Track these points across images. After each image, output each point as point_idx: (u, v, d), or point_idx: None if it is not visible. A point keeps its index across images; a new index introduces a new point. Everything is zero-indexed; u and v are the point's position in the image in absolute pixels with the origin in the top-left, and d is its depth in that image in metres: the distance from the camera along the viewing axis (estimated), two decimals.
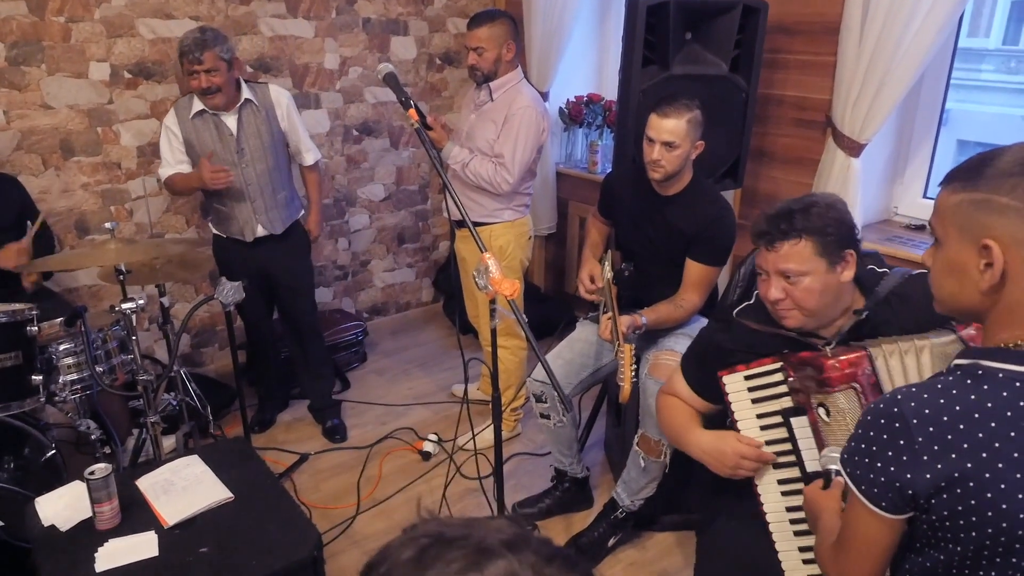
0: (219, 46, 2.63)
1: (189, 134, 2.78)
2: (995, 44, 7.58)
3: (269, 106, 2.84)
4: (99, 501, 1.71)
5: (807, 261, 1.52)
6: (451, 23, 3.95)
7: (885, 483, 1.04)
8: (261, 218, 2.89)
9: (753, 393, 1.63)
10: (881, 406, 1.06)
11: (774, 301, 1.57)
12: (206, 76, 2.63)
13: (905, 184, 3.02)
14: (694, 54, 2.66)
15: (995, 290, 1.03)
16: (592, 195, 3.79)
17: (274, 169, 2.88)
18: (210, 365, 3.66)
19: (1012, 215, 0.99)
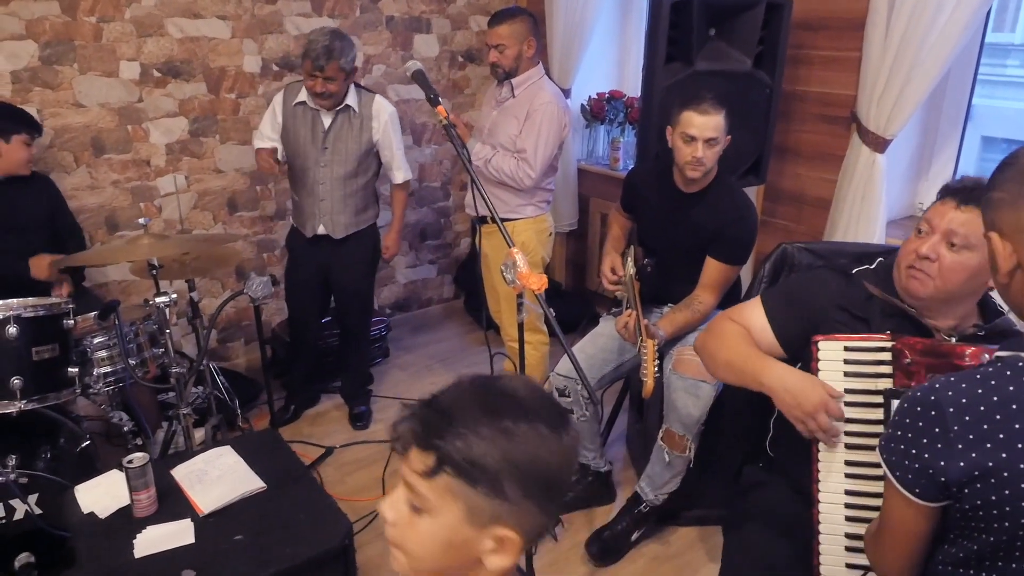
0: (344, 57, 2.71)
1: (288, 118, 2.88)
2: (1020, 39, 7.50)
3: (368, 116, 2.90)
4: (137, 489, 1.75)
5: (981, 238, 1.42)
6: (473, 21, 3.97)
7: (919, 469, 1.06)
8: (324, 218, 2.96)
9: (848, 366, 1.53)
10: (919, 394, 1.07)
11: (923, 256, 1.47)
12: (323, 83, 2.71)
13: (930, 181, 3.00)
14: (718, 50, 2.67)
15: (1012, 279, 1.06)
16: (613, 191, 3.79)
17: (351, 176, 2.93)
18: (236, 359, 3.71)
19: (1005, 207, 1.04)
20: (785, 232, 3.05)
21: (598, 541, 2.51)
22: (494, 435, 0.81)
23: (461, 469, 0.81)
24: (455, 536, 0.84)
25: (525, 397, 0.85)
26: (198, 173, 3.33)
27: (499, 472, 0.80)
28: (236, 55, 3.29)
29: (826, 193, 2.89)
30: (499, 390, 0.85)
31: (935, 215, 1.49)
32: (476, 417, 0.81)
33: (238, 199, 3.47)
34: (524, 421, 0.82)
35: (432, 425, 0.82)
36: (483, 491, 0.81)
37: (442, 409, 0.83)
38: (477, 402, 0.83)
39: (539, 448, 0.82)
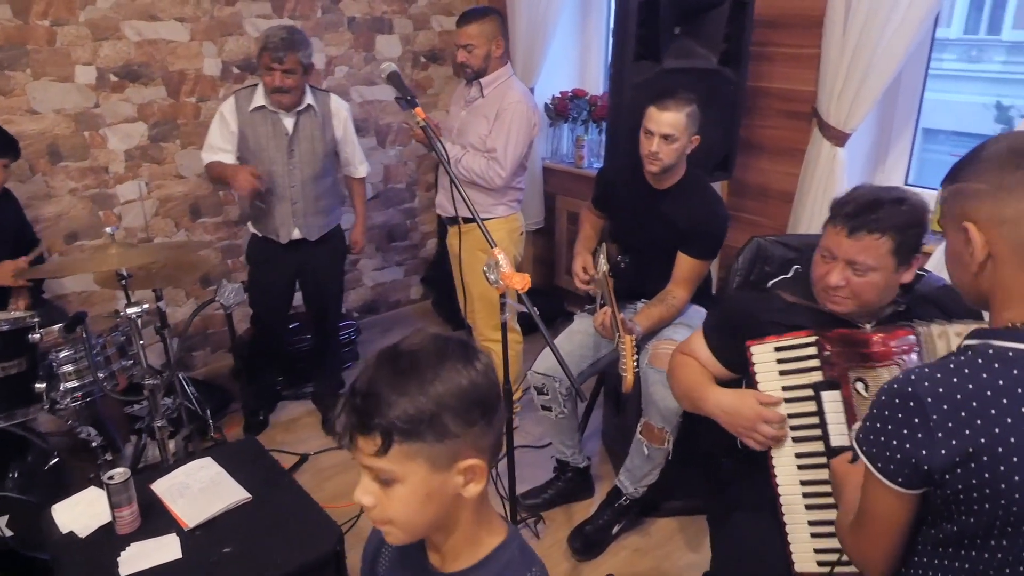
0: (303, 50, 2.67)
1: (245, 126, 2.80)
2: (956, 34, 7.82)
3: (327, 114, 2.87)
4: (119, 505, 1.71)
5: (881, 258, 1.52)
6: (435, 21, 3.96)
7: (901, 460, 1.08)
8: (299, 221, 2.92)
9: (782, 365, 1.63)
10: (895, 386, 1.10)
11: (833, 287, 1.57)
12: (281, 76, 2.66)
13: (887, 172, 3.10)
14: (684, 48, 2.71)
15: (983, 270, 1.09)
16: (579, 189, 3.84)
17: (320, 176, 2.91)
18: (202, 368, 3.64)
19: (985, 197, 1.06)
20: (751, 225, 3.11)
21: (580, 536, 2.54)
22: (418, 389, 0.87)
23: (406, 433, 0.87)
24: (429, 488, 0.91)
25: (427, 346, 0.92)
26: (159, 179, 3.26)
27: (437, 417, 0.87)
28: (195, 58, 3.22)
29: (790, 186, 2.96)
30: (402, 352, 0.92)
31: (832, 243, 1.56)
32: (395, 382, 0.88)
33: (201, 205, 3.41)
34: (436, 365, 0.89)
35: (363, 410, 0.88)
36: (433, 440, 0.88)
37: (364, 391, 0.89)
38: (389, 370, 0.89)
39: (460, 380, 0.89)
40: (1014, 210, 1.04)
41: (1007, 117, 5.44)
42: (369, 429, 0.88)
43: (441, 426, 0.88)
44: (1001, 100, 5.45)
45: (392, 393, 0.87)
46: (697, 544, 2.56)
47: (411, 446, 0.88)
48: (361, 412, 0.88)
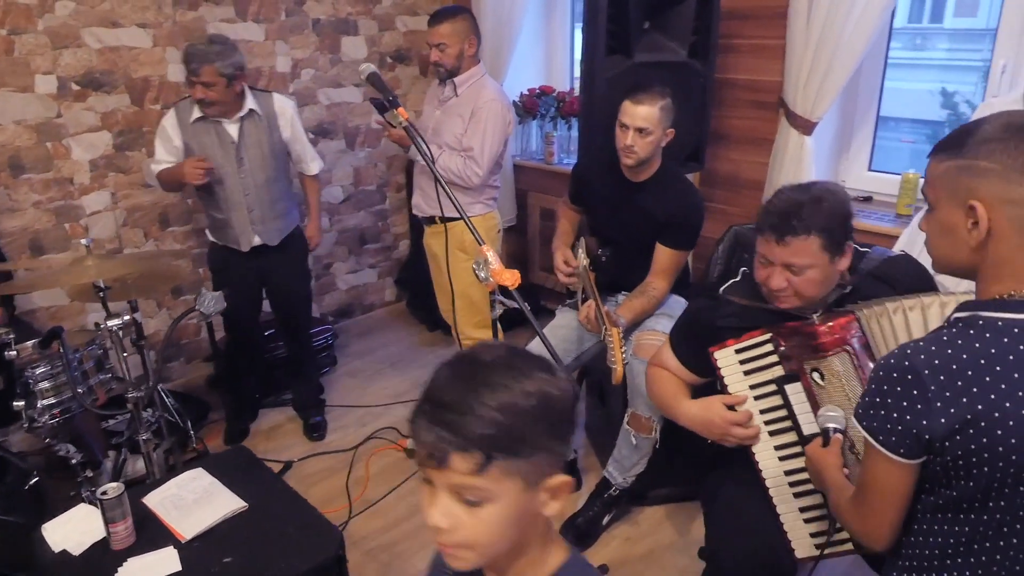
0: (221, 61, 2.59)
1: (189, 138, 2.74)
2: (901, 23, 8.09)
3: (272, 116, 2.82)
4: (114, 520, 1.67)
5: (814, 256, 1.57)
6: (400, 21, 3.94)
7: (903, 431, 1.13)
8: (258, 228, 2.87)
9: (745, 365, 1.70)
10: (892, 361, 1.14)
11: (777, 290, 1.63)
12: (202, 88, 2.60)
13: (851, 159, 3.18)
14: (654, 42, 2.75)
15: (983, 247, 1.13)
16: (551, 185, 3.87)
17: (273, 180, 2.86)
18: (178, 380, 3.58)
19: (993, 177, 1.09)
20: (723, 215, 3.17)
21: (572, 528, 2.56)
22: (512, 400, 0.83)
23: (506, 448, 0.82)
24: (520, 507, 0.86)
25: (507, 356, 0.89)
26: (126, 189, 3.19)
27: (533, 431, 0.84)
28: (159, 64, 3.17)
29: (759, 175, 3.03)
30: (484, 362, 0.87)
31: (765, 251, 1.63)
32: (486, 394, 0.83)
33: (170, 214, 3.35)
34: (524, 376, 0.86)
35: (457, 425, 0.82)
36: (529, 456, 0.84)
37: (454, 406, 0.83)
38: (475, 382, 0.84)
39: (550, 390, 0.86)
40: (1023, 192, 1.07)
41: (952, 103, 5.61)
42: (468, 447, 0.81)
43: (537, 440, 0.84)
44: (946, 87, 5.64)
45: (485, 406, 0.81)
46: (686, 530, 2.61)
47: (510, 463, 0.83)
48: (455, 427, 0.81)
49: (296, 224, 3.06)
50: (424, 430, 0.83)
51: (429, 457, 0.84)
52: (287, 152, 2.95)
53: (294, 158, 3.00)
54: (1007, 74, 2.57)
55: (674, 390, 1.90)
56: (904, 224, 2.68)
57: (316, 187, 3.15)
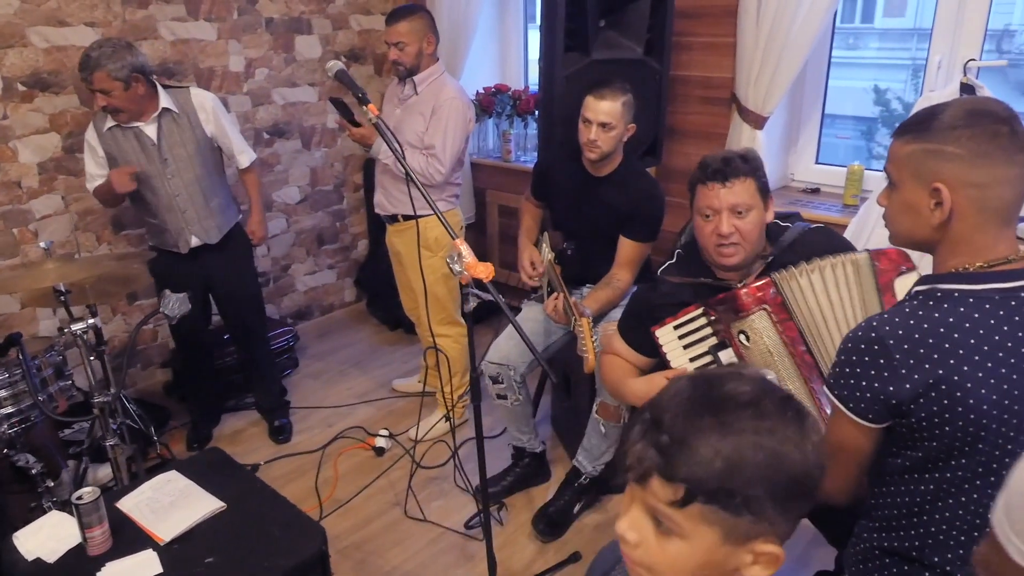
0: (110, 64, 2.48)
1: (109, 147, 2.67)
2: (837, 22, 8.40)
3: (191, 111, 2.75)
4: (90, 526, 1.65)
5: (753, 196, 1.75)
6: (354, 20, 3.93)
7: (871, 398, 1.21)
8: (194, 228, 2.81)
9: (684, 340, 1.83)
10: (859, 334, 1.22)
11: (727, 235, 1.74)
12: (102, 96, 2.52)
13: (799, 152, 3.31)
14: (610, 40, 2.81)
15: (944, 225, 1.21)
16: (508, 183, 3.91)
17: (203, 176, 2.80)
18: (135, 386, 3.49)
19: (958, 161, 1.16)
20: (680, 208, 3.23)
21: (544, 518, 2.60)
22: (740, 455, 0.75)
23: (713, 497, 0.75)
24: (711, 557, 0.79)
25: (759, 401, 0.78)
26: (77, 192, 3.10)
27: (753, 491, 0.75)
28: None
29: None
30: (731, 399, 0.78)
31: (711, 199, 1.76)
32: (717, 440, 0.75)
33: (124, 217, 3.27)
34: (769, 429, 0.77)
35: (673, 455, 0.76)
36: (738, 512, 0.76)
37: (677, 434, 0.77)
38: (712, 419, 0.77)
39: (792, 456, 0.77)
40: (986, 176, 1.15)
41: (884, 100, 5.87)
42: (674, 478, 0.76)
43: (752, 503, 0.75)
44: (878, 84, 5.88)
45: (708, 446, 0.75)
46: None
47: (712, 511, 0.76)
48: (669, 456, 0.76)
49: (236, 220, 2.99)
50: (636, 439, 0.79)
51: (632, 469, 0.79)
52: (216, 147, 2.88)
53: (225, 153, 2.92)
54: (943, 69, 2.71)
55: (621, 373, 2.01)
56: (851, 214, 2.81)
57: (253, 179, 3.06)
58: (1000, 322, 1.15)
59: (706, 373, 0.82)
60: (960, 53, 2.66)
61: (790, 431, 0.77)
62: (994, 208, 1.16)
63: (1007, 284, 1.16)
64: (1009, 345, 1.15)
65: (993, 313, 1.15)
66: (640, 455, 0.78)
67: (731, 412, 0.77)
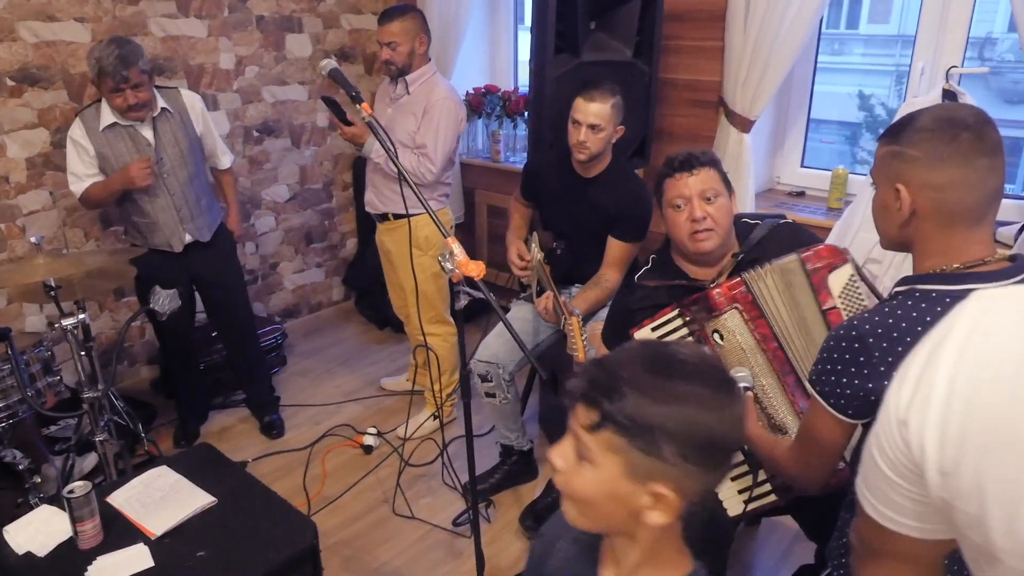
0: (140, 59, 2.53)
1: (102, 147, 2.65)
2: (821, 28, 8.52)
3: (183, 111, 2.76)
4: (81, 519, 1.65)
5: (718, 183, 1.87)
6: (344, 19, 3.94)
7: (851, 394, 1.25)
8: (188, 226, 2.83)
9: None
10: (841, 332, 1.26)
11: (700, 218, 1.82)
12: (133, 93, 2.52)
13: (785, 156, 3.36)
14: (600, 42, 2.84)
15: (907, 224, 1.26)
16: (498, 183, 3.93)
17: (195, 176, 2.82)
18: (121, 383, 3.48)
19: (916, 163, 1.21)
20: None
21: (532, 514, 2.63)
22: (655, 396, 0.85)
23: (621, 426, 0.85)
24: (615, 488, 0.88)
25: (691, 361, 0.88)
26: (65, 188, 3.06)
27: (657, 433, 0.84)
28: None
29: None
30: (667, 354, 0.89)
31: (680, 188, 1.85)
32: (640, 377, 0.86)
33: (111, 213, 3.26)
34: (686, 384, 0.86)
35: (598, 383, 0.87)
36: (640, 449, 0.85)
37: (609, 368, 0.88)
38: (643, 363, 0.87)
39: (700, 413, 0.85)
40: (942, 178, 1.19)
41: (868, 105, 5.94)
42: (592, 403, 0.87)
43: (654, 443, 0.84)
44: (863, 89, 5.95)
45: (630, 385, 0.85)
46: None
47: (618, 440, 0.86)
48: (594, 384, 0.87)
49: (221, 218, 3.02)
50: (577, 373, 0.91)
51: (565, 395, 0.91)
52: (202, 147, 2.90)
53: (207, 152, 2.95)
54: (926, 75, 2.76)
55: None
56: (836, 217, 2.85)
57: (231, 180, 3.13)
58: None
59: (663, 341, 0.95)
60: (943, 60, 2.71)
61: (708, 393, 0.86)
62: (953, 210, 1.20)
63: (983, 285, 1.20)
64: None
65: None
66: (573, 384, 0.90)
67: (661, 362, 0.88)
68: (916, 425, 0.74)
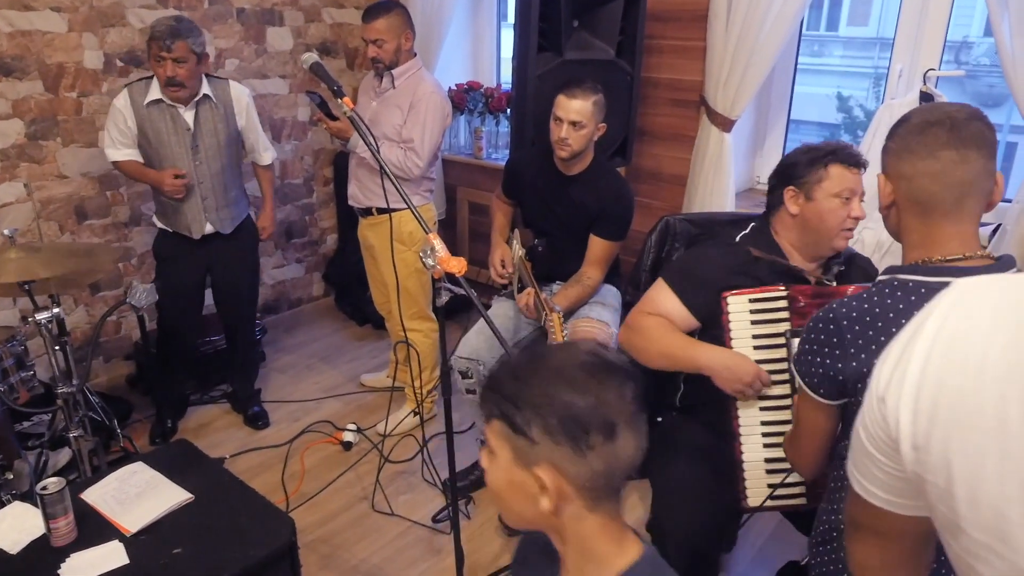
0: (192, 38, 2.57)
1: (143, 121, 2.68)
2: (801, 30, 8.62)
3: (228, 104, 2.79)
4: (54, 516, 1.63)
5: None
6: (327, 13, 3.91)
7: (823, 374, 1.31)
8: (211, 216, 2.84)
9: (754, 315, 1.77)
10: (820, 314, 1.32)
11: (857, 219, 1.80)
12: (173, 65, 2.55)
13: (765, 156, 3.38)
14: (583, 40, 2.84)
15: (889, 212, 1.31)
16: (480, 180, 3.93)
17: (227, 167, 2.84)
18: (97, 379, 3.44)
19: (891, 155, 1.28)
20: (647, 208, 3.30)
21: None
22: (525, 378, 0.91)
23: (501, 412, 0.91)
24: (511, 476, 0.93)
25: (574, 354, 0.93)
26: (39, 180, 3.05)
27: (525, 411, 0.89)
28: (75, 50, 3.04)
29: (681, 170, 3.18)
30: (547, 348, 0.97)
31: (851, 183, 1.77)
32: (518, 364, 0.94)
33: (87, 206, 3.22)
34: (558, 371, 0.90)
35: (489, 382, 0.95)
36: (516, 430, 0.90)
37: (501, 363, 0.97)
38: (524, 357, 0.95)
39: (565, 396, 0.88)
40: (910, 168, 1.25)
41: (847, 107, 6.00)
42: (484, 398, 0.94)
43: (525, 425, 0.89)
44: (841, 91, 6.01)
45: (508, 375, 0.93)
46: (624, 508, 2.71)
47: (503, 427, 0.91)
48: (486, 384, 0.95)
49: (247, 213, 3.04)
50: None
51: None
52: (240, 141, 2.93)
53: (247, 147, 2.98)
54: (904, 78, 2.80)
55: (682, 337, 1.87)
56: None
57: (270, 177, 3.15)
58: None
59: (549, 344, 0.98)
60: (921, 63, 2.74)
61: (579, 379, 0.89)
62: (922, 199, 1.24)
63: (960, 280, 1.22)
64: None
65: None
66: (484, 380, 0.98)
67: (538, 353, 0.95)
68: (893, 402, 0.78)
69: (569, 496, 0.91)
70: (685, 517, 1.77)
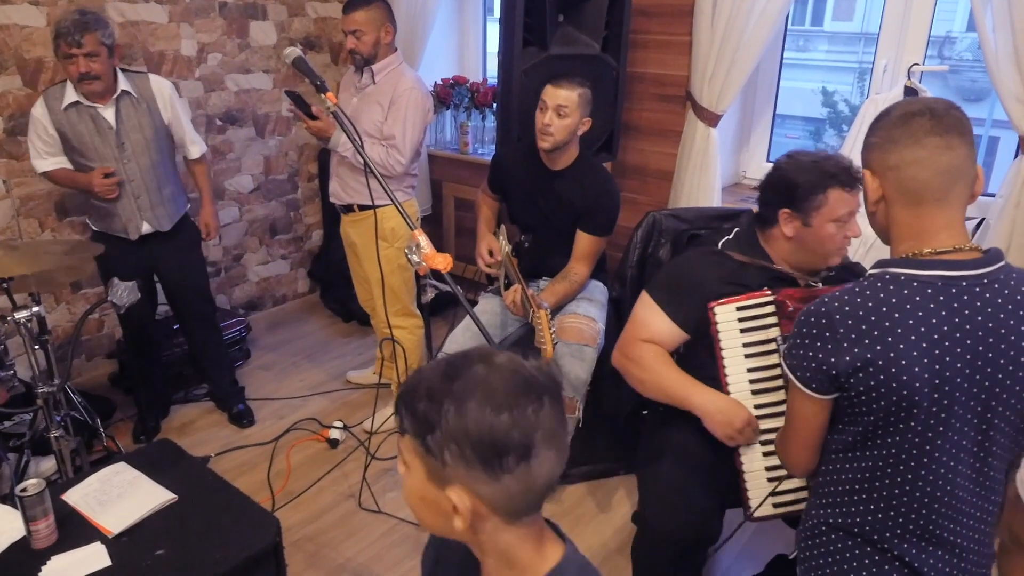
0: (101, 30, 2.48)
1: (62, 126, 2.59)
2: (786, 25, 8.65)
3: (150, 98, 2.70)
4: (35, 519, 1.60)
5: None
6: (311, 7, 3.87)
7: (815, 368, 1.30)
8: (146, 215, 2.76)
9: (743, 323, 1.76)
10: (811, 308, 1.31)
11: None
12: (85, 60, 2.46)
13: (751, 151, 3.39)
14: (568, 35, 2.83)
15: (878, 209, 1.32)
16: (465, 175, 3.91)
17: (159, 164, 2.75)
18: (78, 378, 3.40)
19: (876, 149, 1.29)
20: (633, 204, 3.30)
21: None
22: (439, 401, 0.84)
23: (413, 431, 0.86)
24: (424, 492, 0.89)
25: (494, 372, 0.86)
26: (18, 176, 3.00)
27: (437, 437, 0.84)
28: None
29: (667, 165, 3.18)
30: (463, 362, 0.88)
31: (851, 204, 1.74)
32: (432, 384, 0.86)
33: (67, 203, 3.17)
34: (472, 392, 0.84)
35: (403, 391, 0.89)
36: (429, 451, 0.85)
37: (416, 375, 0.90)
38: (441, 371, 0.87)
39: (477, 418, 0.82)
40: (897, 158, 1.25)
41: (832, 102, 6.03)
42: (397, 410, 0.90)
43: (438, 447, 0.84)
44: (826, 86, 6.04)
45: (420, 390, 0.86)
46: (607, 505, 2.72)
47: (415, 444, 0.87)
48: (402, 392, 0.89)
49: (185, 210, 2.95)
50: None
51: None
52: (170, 136, 2.83)
53: (176, 142, 2.88)
54: (888, 73, 2.81)
55: (683, 376, 1.86)
56: None
57: (203, 170, 3.01)
58: (939, 307, 1.22)
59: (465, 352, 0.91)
60: (905, 58, 2.75)
61: (493, 400, 0.83)
62: (913, 188, 1.25)
63: (951, 272, 1.23)
64: (944, 329, 1.21)
65: (933, 298, 1.22)
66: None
67: (455, 370, 0.86)
68: None
69: (484, 515, 0.88)
70: (670, 511, 1.77)
